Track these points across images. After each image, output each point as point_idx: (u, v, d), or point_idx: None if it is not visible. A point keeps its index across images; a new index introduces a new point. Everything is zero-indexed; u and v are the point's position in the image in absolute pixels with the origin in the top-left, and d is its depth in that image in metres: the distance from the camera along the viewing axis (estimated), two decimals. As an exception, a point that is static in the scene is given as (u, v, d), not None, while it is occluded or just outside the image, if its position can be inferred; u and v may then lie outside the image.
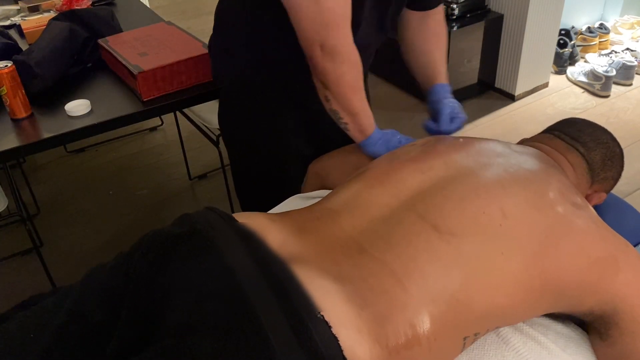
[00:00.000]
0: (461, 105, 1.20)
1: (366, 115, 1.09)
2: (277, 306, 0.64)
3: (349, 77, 1.03)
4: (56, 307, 0.74)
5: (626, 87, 2.94)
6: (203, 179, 2.48)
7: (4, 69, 1.34)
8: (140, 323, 0.69)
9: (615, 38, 3.25)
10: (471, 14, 2.67)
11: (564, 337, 0.82)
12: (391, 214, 0.78)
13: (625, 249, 0.80)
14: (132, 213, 2.29)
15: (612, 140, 1.03)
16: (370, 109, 1.11)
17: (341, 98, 1.05)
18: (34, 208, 2.31)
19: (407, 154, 0.92)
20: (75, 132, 1.38)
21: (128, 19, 1.94)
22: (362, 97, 1.07)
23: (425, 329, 0.68)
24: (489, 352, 0.79)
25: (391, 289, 0.69)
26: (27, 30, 1.83)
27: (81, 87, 1.57)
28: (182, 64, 1.47)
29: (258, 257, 0.70)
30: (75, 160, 2.66)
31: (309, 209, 0.86)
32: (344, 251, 0.74)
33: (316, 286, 0.67)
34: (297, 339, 0.61)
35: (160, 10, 3.17)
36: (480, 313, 0.72)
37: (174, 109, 1.70)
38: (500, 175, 0.82)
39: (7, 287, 1.95)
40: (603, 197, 1.02)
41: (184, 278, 0.68)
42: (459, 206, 0.77)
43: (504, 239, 0.74)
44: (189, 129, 2.32)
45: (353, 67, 1.03)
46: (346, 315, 0.65)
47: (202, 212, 0.79)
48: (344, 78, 1.03)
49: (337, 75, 1.02)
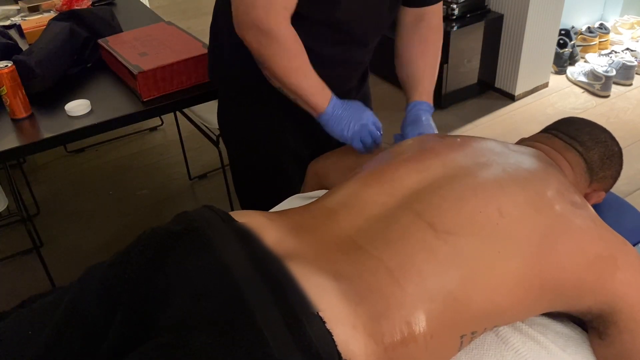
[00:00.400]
0: (434, 128, 1.17)
1: (310, 92, 1.08)
2: (272, 303, 0.64)
3: (281, 58, 1.05)
4: (54, 305, 0.74)
5: (626, 87, 2.94)
6: (203, 179, 2.48)
7: (4, 69, 1.34)
8: (137, 320, 0.69)
9: (615, 38, 3.25)
10: (471, 14, 2.67)
11: (563, 337, 0.82)
12: (388, 212, 0.79)
13: (624, 248, 0.80)
14: (132, 213, 2.29)
15: (610, 139, 1.03)
16: (326, 88, 1.09)
17: (278, 78, 1.07)
18: (34, 208, 2.31)
19: (405, 153, 0.92)
20: (75, 132, 1.39)
21: (128, 19, 1.94)
22: (301, 76, 1.07)
23: (421, 326, 0.68)
24: (488, 352, 0.79)
25: (387, 287, 0.69)
26: (27, 30, 1.83)
27: (81, 87, 1.57)
28: (182, 64, 1.47)
29: (254, 255, 0.71)
30: (75, 160, 2.66)
31: (306, 207, 0.87)
32: (341, 249, 0.74)
33: (312, 283, 0.67)
34: (292, 335, 0.62)
35: (160, 10, 3.17)
36: (477, 312, 0.72)
37: (174, 109, 1.71)
38: (498, 175, 0.82)
39: (7, 287, 1.95)
40: (602, 196, 1.02)
41: (180, 275, 0.69)
42: (455, 205, 0.77)
43: (501, 238, 0.74)
44: (189, 129, 2.32)
45: (285, 49, 1.04)
46: (341, 311, 0.66)
47: (199, 210, 0.79)
48: (275, 59, 1.05)
49: (269, 56, 1.05)
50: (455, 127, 2.69)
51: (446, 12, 2.62)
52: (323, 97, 1.09)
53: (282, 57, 1.05)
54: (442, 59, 1.30)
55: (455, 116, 2.77)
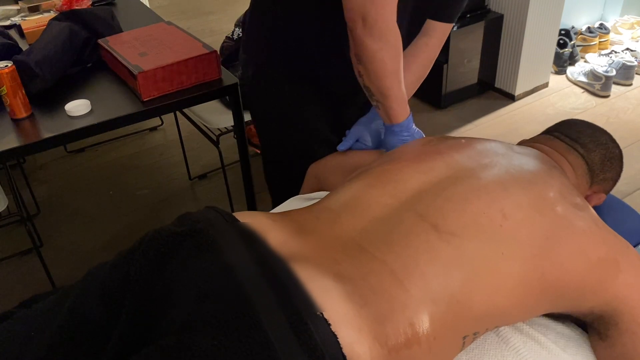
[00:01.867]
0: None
1: (397, 101, 1.06)
2: (277, 304, 0.64)
3: (384, 55, 1.01)
4: (57, 306, 0.74)
5: (626, 87, 2.94)
6: (203, 179, 2.48)
7: (4, 69, 1.34)
8: (140, 322, 0.69)
9: (615, 38, 3.25)
10: (471, 14, 2.67)
11: (564, 337, 0.82)
12: (391, 214, 0.79)
13: (626, 250, 0.80)
14: (132, 213, 2.29)
15: (611, 141, 1.03)
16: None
17: (373, 76, 1.03)
18: (34, 208, 2.31)
19: (408, 154, 0.92)
20: (75, 132, 1.38)
21: (128, 19, 1.94)
22: (396, 80, 1.04)
23: (425, 328, 0.68)
24: (488, 352, 0.79)
25: (391, 289, 0.69)
26: (27, 30, 1.83)
27: (81, 87, 1.57)
28: (182, 64, 1.47)
29: (258, 256, 0.70)
30: (75, 160, 2.66)
31: (309, 208, 0.86)
32: (344, 250, 0.74)
33: (316, 285, 0.67)
34: (297, 337, 0.62)
35: (160, 10, 3.17)
36: (480, 313, 0.72)
37: (174, 109, 1.70)
38: (502, 177, 0.82)
39: (7, 287, 1.95)
40: (602, 198, 1.03)
41: (184, 277, 0.69)
42: (459, 207, 0.77)
43: (504, 240, 0.74)
44: (189, 129, 2.32)
45: (391, 47, 1.01)
46: (346, 313, 0.65)
47: (203, 211, 0.79)
48: (378, 55, 1.01)
49: (373, 50, 1.00)
50: (455, 127, 2.69)
51: (446, 12, 2.62)
52: (404, 109, 1.08)
53: (386, 55, 1.01)
54: (442, 59, 1.29)
55: (455, 116, 2.77)
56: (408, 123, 1.09)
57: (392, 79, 1.04)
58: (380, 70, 1.02)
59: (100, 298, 0.72)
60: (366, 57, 1.02)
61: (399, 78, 1.05)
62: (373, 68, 1.02)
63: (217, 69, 1.53)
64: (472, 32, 2.65)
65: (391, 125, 1.09)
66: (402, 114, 1.08)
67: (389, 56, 1.01)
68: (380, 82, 1.04)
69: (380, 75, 1.03)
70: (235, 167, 2.30)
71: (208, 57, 1.50)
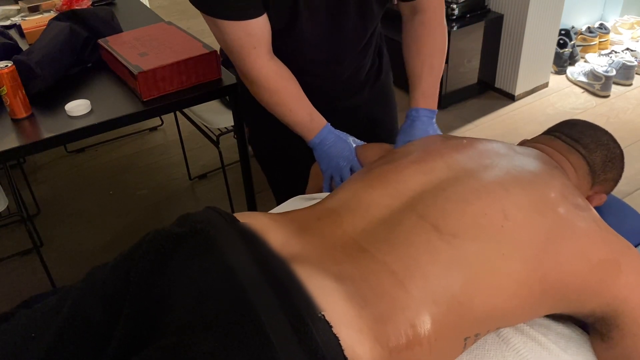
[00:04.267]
0: (433, 132, 1.14)
1: (297, 124, 1.14)
2: (278, 305, 0.64)
3: (263, 95, 1.12)
4: (57, 307, 0.74)
5: (626, 87, 2.94)
6: (203, 179, 2.48)
7: (4, 69, 1.34)
8: (141, 323, 0.69)
9: (615, 38, 3.25)
10: (471, 14, 2.67)
11: (565, 338, 0.82)
12: (392, 214, 0.78)
13: (627, 251, 0.80)
14: (132, 213, 2.29)
15: (612, 141, 1.03)
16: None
17: (267, 108, 1.15)
18: (34, 208, 2.31)
19: (409, 155, 0.92)
20: (75, 132, 1.38)
21: (128, 19, 1.94)
22: (286, 111, 1.13)
23: (426, 329, 0.67)
24: (489, 353, 0.79)
25: (392, 290, 0.69)
26: (27, 30, 1.83)
27: (81, 87, 1.57)
28: (182, 64, 1.47)
29: (259, 257, 0.70)
30: (75, 160, 2.66)
31: (310, 209, 0.86)
32: (345, 251, 0.74)
33: (317, 285, 0.67)
34: (298, 338, 0.61)
35: (160, 10, 3.17)
36: (481, 314, 0.72)
37: (174, 109, 1.70)
38: (502, 177, 0.82)
39: (7, 287, 1.95)
40: (603, 198, 1.02)
41: (185, 278, 0.68)
42: (459, 207, 0.77)
43: (505, 241, 0.74)
44: (189, 129, 2.32)
45: (265, 90, 1.11)
46: (347, 314, 0.65)
47: (203, 212, 0.79)
48: (258, 97, 1.14)
49: (254, 92, 1.14)
50: (455, 127, 2.69)
51: (446, 12, 2.62)
52: (309, 129, 1.14)
53: (262, 95, 1.12)
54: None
55: (455, 116, 2.77)
56: (320, 140, 1.14)
57: (280, 110, 1.14)
58: (267, 105, 1.15)
59: (101, 299, 0.72)
60: (255, 96, 1.15)
61: (288, 107, 1.13)
62: (263, 104, 1.15)
63: (217, 69, 1.53)
64: (472, 32, 2.65)
65: (309, 142, 1.16)
66: (308, 133, 1.15)
67: (267, 95, 1.12)
68: (273, 112, 1.15)
69: (271, 109, 1.15)
70: (235, 167, 2.30)
71: (208, 57, 1.50)
